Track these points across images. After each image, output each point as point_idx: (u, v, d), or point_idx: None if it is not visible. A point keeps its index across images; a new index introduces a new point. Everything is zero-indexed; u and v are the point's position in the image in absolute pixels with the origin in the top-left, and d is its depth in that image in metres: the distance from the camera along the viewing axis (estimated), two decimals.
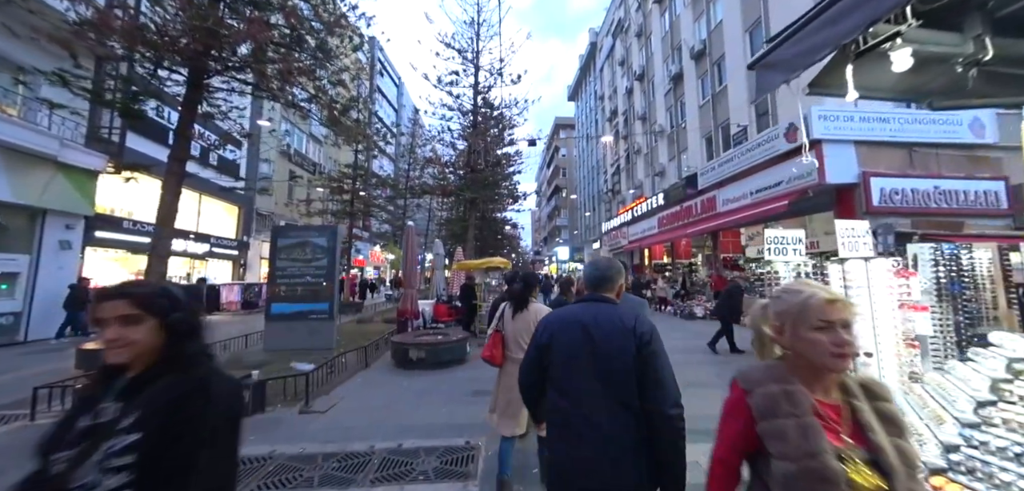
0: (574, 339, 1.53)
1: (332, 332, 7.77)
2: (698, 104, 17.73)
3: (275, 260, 7.86)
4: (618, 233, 26.73)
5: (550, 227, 62.17)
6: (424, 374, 6.39)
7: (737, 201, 14.32)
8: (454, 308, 11.54)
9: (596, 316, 1.55)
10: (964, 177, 11.05)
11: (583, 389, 1.47)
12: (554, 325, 1.63)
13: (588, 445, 1.41)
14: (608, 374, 1.45)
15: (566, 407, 1.49)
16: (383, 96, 38.08)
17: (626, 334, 1.47)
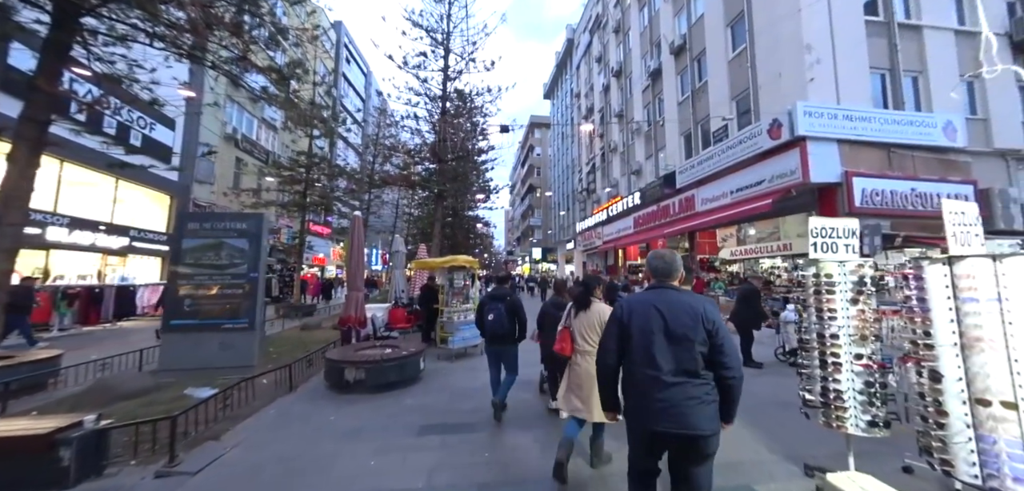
0: (649, 318, 1.96)
1: (252, 346, 6.24)
2: (677, 100, 17.23)
3: (178, 261, 6.21)
4: (592, 233, 26.10)
5: (523, 227, 61.33)
6: (362, 401, 5.06)
7: (716, 200, 13.81)
8: (413, 313, 10.18)
9: (668, 301, 1.98)
10: (937, 180, 10.92)
11: (658, 357, 1.89)
12: (632, 308, 2.05)
13: (659, 399, 1.85)
14: (677, 346, 1.88)
15: (642, 372, 1.92)
16: (349, 84, 35.70)
17: (695, 316, 1.91)
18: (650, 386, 1.88)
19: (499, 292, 4.71)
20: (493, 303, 4.55)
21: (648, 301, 2.01)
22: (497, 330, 4.46)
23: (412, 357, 5.87)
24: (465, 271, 9.03)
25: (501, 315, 4.45)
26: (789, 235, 16.01)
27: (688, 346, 1.86)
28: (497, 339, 4.51)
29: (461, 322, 7.78)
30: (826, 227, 2.79)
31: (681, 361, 1.87)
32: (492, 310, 4.50)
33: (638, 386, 1.93)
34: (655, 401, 1.85)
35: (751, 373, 6.32)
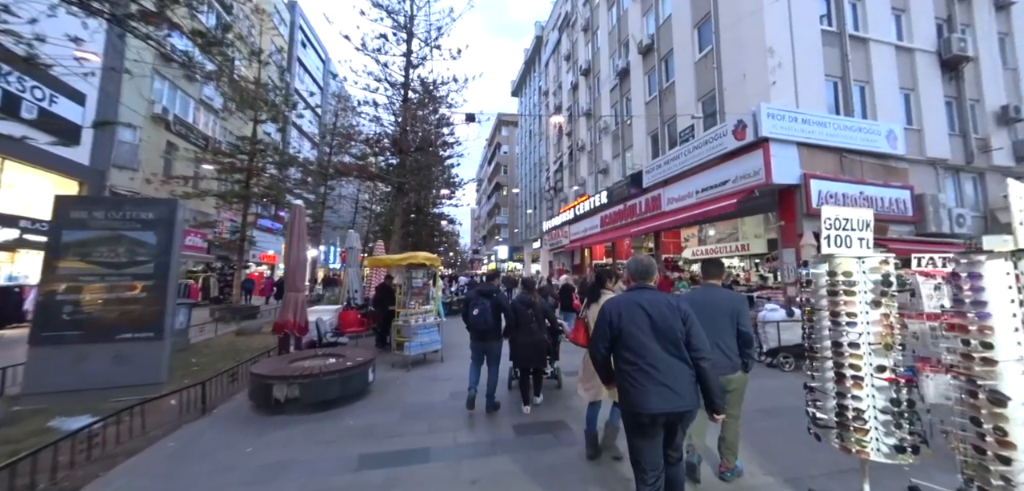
0: (637, 316, 2.27)
1: (159, 359, 5.11)
2: (645, 100, 17.30)
3: (58, 257, 4.96)
4: (559, 232, 25.94)
5: (490, 225, 60.60)
6: (293, 424, 4.19)
7: (682, 200, 13.90)
8: (367, 315, 9.23)
9: (650, 299, 2.31)
10: (882, 184, 11.53)
11: (645, 348, 2.21)
12: (621, 307, 2.34)
13: (652, 383, 2.15)
14: (662, 336, 2.21)
15: (635, 361, 2.22)
16: (305, 70, 33.20)
17: (673, 311, 2.26)
18: (643, 376, 2.16)
19: (486, 289, 4.79)
20: (480, 299, 4.61)
21: (633, 301, 2.32)
22: (481, 325, 4.53)
23: (359, 368, 5.05)
24: (425, 269, 8.26)
25: (486, 311, 4.53)
26: (747, 236, 16.57)
27: (671, 336, 2.19)
28: (482, 334, 4.58)
29: (419, 325, 7.01)
30: (840, 218, 2.40)
31: (667, 350, 2.18)
32: (478, 306, 4.55)
33: (632, 377, 2.20)
34: (649, 388, 2.14)
35: None
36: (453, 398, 5.21)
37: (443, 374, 6.46)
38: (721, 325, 2.82)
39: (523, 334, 4.56)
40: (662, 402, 2.11)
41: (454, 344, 8.92)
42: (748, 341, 2.82)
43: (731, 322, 2.81)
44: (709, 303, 2.89)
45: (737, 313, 2.83)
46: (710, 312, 2.79)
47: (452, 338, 9.97)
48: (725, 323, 2.83)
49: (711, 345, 2.53)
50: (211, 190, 14.49)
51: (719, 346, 2.78)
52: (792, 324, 6.37)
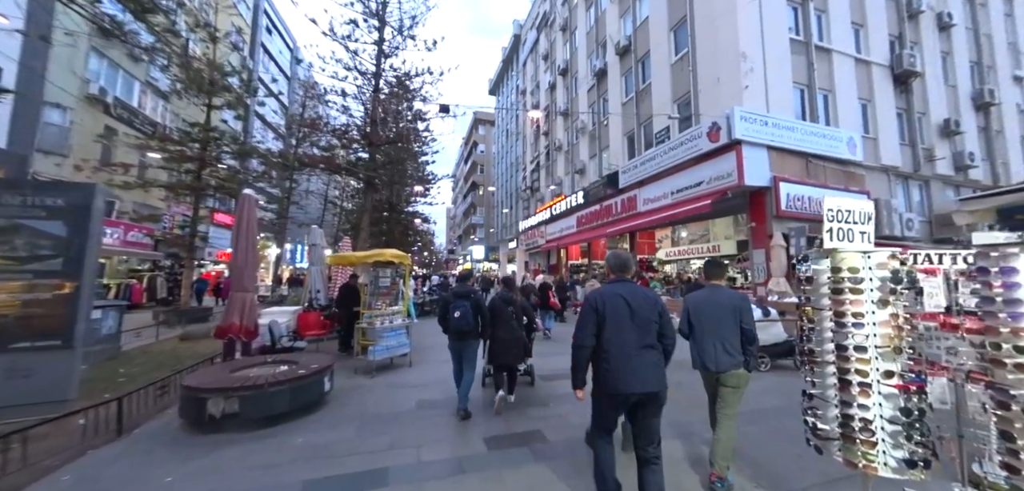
0: (619, 306, 2.45)
1: (69, 371, 4.35)
2: (621, 101, 17.37)
3: None
4: (535, 232, 25.77)
5: (465, 225, 59.83)
6: (230, 445, 3.62)
7: (658, 201, 13.99)
8: (330, 317, 8.57)
9: (630, 291, 2.51)
10: (842, 189, 11.98)
11: (626, 336, 2.41)
12: (604, 298, 2.49)
13: (629, 369, 2.36)
14: (640, 326, 2.42)
15: (615, 349, 2.40)
16: (270, 57, 31.35)
17: (651, 302, 2.51)
18: (623, 359, 2.36)
19: (464, 290, 4.74)
20: (459, 301, 4.58)
21: (616, 292, 2.49)
22: (463, 327, 4.49)
23: (312, 376, 4.50)
24: (393, 268, 7.72)
25: (467, 312, 4.51)
26: (718, 237, 16.94)
27: (649, 325, 2.40)
28: (461, 335, 4.54)
29: (385, 328, 6.49)
30: (842, 210, 2.20)
31: (644, 338, 2.38)
32: (458, 307, 4.53)
33: (612, 360, 2.38)
34: (627, 370, 2.34)
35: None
36: (420, 408, 4.77)
37: (411, 380, 5.99)
38: (725, 324, 2.94)
39: (503, 331, 4.64)
40: (636, 385, 2.35)
41: (425, 347, 8.44)
42: (751, 339, 2.92)
43: (735, 320, 2.92)
44: (713, 303, 3.02)
45: (740, 311, 2.95)
46: (714, 311, 2.97)
47: (423, 340, 9.46)
48: (729, 321, 2.94)
49: (714, 343, 2.92)
50: (157, 181, 13.18)
51: (723, 344, 2.91)
52: (768, 324, 6.35)
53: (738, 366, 2.89)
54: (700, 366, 3.03)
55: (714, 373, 2.95)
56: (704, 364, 2.98)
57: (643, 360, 2.36)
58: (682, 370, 3.64)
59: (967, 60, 15.93)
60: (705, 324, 2.98)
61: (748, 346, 2.91)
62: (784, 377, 5.79)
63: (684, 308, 3.19)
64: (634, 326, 2.40)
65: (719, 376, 2.93)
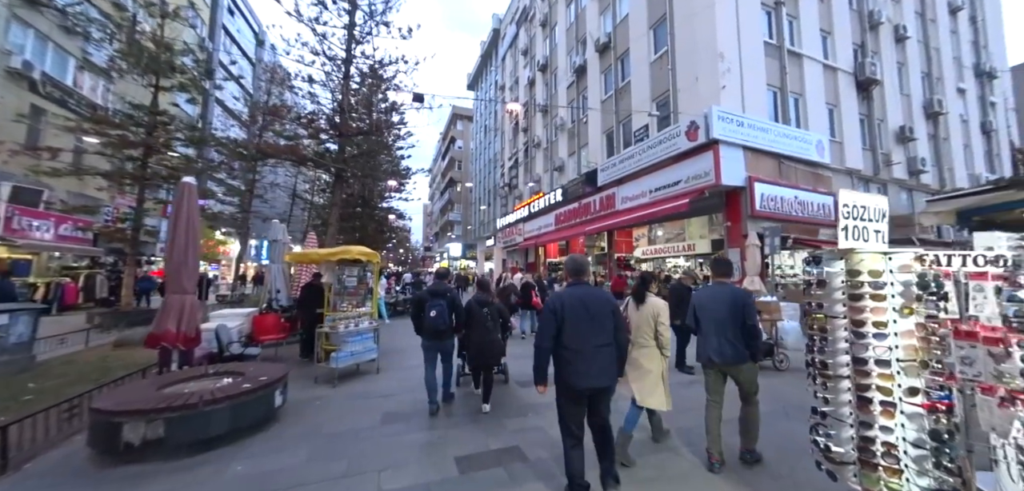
0: (577, 307, 2.64)
1: None
2: (601, 99, 17.29)
3: None
4: (513, 230, 25.47)
5: (442, 222, 58.78)
6: (148, 479, 3.02)
7: (636, 199, 13.97)
8: (291, 319, 7.88)
9: (587, 293, 2.72)
10: (811, 190, 12.35)
11: (583, 337, 2.60)
12: (564, 301, 2.68)
13: (587, 366, 2.58)
14: (597, 326, 2.63)
15: (574, 348, 2.60)
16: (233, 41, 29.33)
17: (607, 303, 2.72)
18: (581, 357, 2.60)
19: (440, 288, 4.73)
20: (435, 299, 4.58)
21: (574, 295, 2.71)
22: (440, 325, 4.50)
23: (260, 390, 3.95)
24: (360, 266, 7.14)
25: (444, 311, 4.53)
26: (693, 236, 17.19)
27: (603, 325, 2.65)
28: (438, 334, 4.55)
29: (350, 332, 5.95)
30: (858, 206, 1.97)
31: (599, 336, 2.63)
32: (435, 306, 4.53)
33: (571, 358, 2.60)
34: (585, 367, 2.59)
35: (684, 381, 5.79)
36: (386, 422, 4.32)
37: (377, 389, 5.50)
38: (730, 320, 3.08)
39: (478, 333, 4.62)
40: (592, 381, 2.58)
41: (396, 350, 7.92)
42: (754, 333, 3.05)
43: (738, 315, 3.05)
44: (718, 299, 3.16)
45: (743, 307, 3.07)
46: (719, 308, 3.12)
47: (393, 342, 8.92)
48: (733, 316, 3.08)
49: (719, 338, 3.10)
50: (94, 169, 11.85)
51: (728, 339, 3.07)
52: None
53: (743, 360, 3.09)
54: (705, 359, 3.23)
55: (719, 366, 3.14)
56: (709, 357, 3.17)
57: (599, 357, 2.60)
58: None
59: (919, 71, 16.87)
60: (710, 319, 3.17)
61: (752, 341, 3.06)
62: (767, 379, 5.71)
63: (691, 305, 3.42)
64: (591, 326, 2.61)
65: (726, 369, 3.14)
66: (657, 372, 3.27)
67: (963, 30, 19.14)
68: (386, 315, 12.20)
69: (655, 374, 3.26)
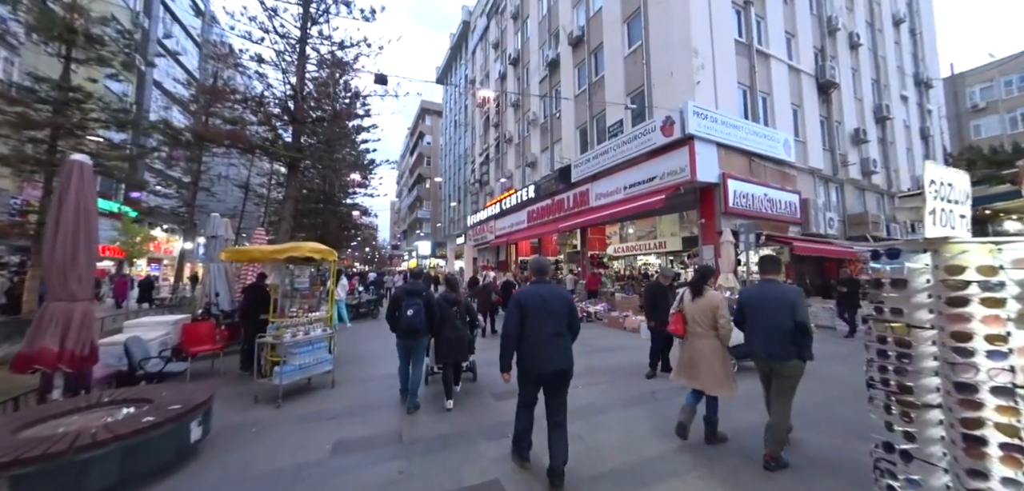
0: (537, 302, 3.00)
1: None
2: (574, 93, 16.95)
3: None
4: (484, 227, 24.77)
5: (411, 219, 56.92)
6: None
7: (610, 195, 13.73)
8: (231, 327, 6.80)
9: (547, 290, 3.08)
10: (779, 188, 12.60)
11: (542, 325, 2.96)
12: (527, 296, 3.05)
13: (546, 351, 2.94)
14: (554, 318, 2.98)
15: (533, 336, 2.96)
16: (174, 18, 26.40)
17: (564, 300, 3.09)
18: (540, 344, 2.95)
19: (415, 287, 4.77)
20: (411, 298, 4.62)
21: (535, 291, 3.07)
22: (416, 325, 4.54)
23: (168, 423, 3.07)
24: (312, 265, 6.25)
25: (420, 310, 4.56)
26: (664, 234, 17.25)
27: (560, 317, 3.01)
28: (413, 333, 4.59)
29: (298, 342, 5.07)
30: (945, 182, 1.53)
31: (557, 327, 2.98)
32: (411, 305, 4.57)
33: (532, 345, 2.96)
34: (544, 353, 2.94)
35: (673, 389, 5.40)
36: (337, 453, 3.56)
37: (330, 408, 4.69)
38: (780, 317, 3.10)
39: (449, 330, 4.73)
40: (549, 364, 2.92)
41: (355, 358, 7.06)
42: (805, 331, 3.03)
43: (789, 314, 3.06)
44: (768, 297, 3.19)
45: (793, 306, 3.07)
46: (769, 305, 3.16)
47: (354, 348, 8.02)
48: (784, 315, 3.09)
49: (767, 335, 3.13)
50: None
51: (777, 336, 3.09)
52: None
53: (791, 357, 3.06)
54: (753, 354, 3.32)
55: (767, 362, 3.18)
56: (756, 353, 3.25)
57: (556, 344, 2.94)
58: None
59: (870, 77, 17.87)
60: (759, 316, 3.23)
61: (801, 338, 3.02)
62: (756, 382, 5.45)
63: (738, 301, 3.47)
64: (549, 318, 2.94)
65: (773, 365, 3.14)
66: (720, 361, 3.44)
67: (905, 42, 20.57)
68: (347, 318, 11.18)
69: (718, 363, 3.43)
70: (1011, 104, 31.15)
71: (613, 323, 10.96)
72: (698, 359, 3.48)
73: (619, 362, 6.75)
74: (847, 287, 9.25)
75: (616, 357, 7.17)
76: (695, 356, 3.51)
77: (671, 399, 4.81)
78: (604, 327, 10.98)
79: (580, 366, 6.39)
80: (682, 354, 3.72)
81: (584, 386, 5.39)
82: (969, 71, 33.57)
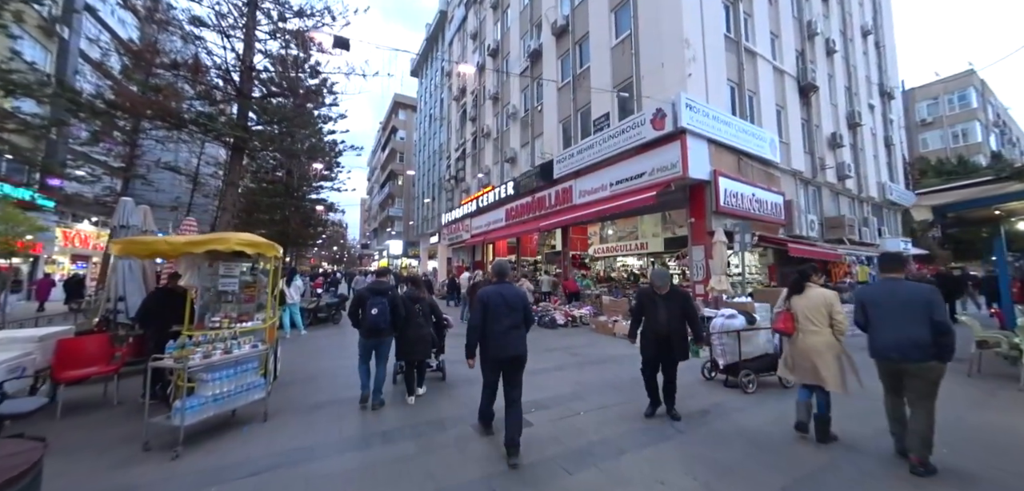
0: (498, 299, 3.49)
1: None
2: (557, 86, 16.15)
3: None
4: (460, 225, 23.55)
5: (382, 217, 54.48)
6: None
7: (595, 193, 12.97)
8: (139, 340, 5.31)
9: (506, 289, 3.59)
10: (764, 188, 12.28)
11: (502, 319, 3.45)
12: (489, 294, 3.53)
13: (504, 341, 3.43)
14: (513, 313, 3.49)
15: (494, 328, 3.44)
16: None
17: (521, 297, 3.61)
18: (499, 335, 3.44)
19: (380, 286, 4.78)
20: (375, 297, 4.62)
21: (497, 291, 3.56)
22: (380, 324, 4.55)
23: None
24: (243, 262, 4.93)
25: (385, 309, 4.58)
26: (646, 234, 16.75)
27: (517, 312, 3.52)
28: (377, 332, 4.59)
29: (213, 363, 3.78)
30: None
31: (513, 320, 3.49)
32: (375, 304, 4.58)
33: (494, 335, 3.45)
34: (502, 342, 3.44)
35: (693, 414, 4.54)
36: None
37: (251, 458, 3.44)
38: (912, 317, 2.98)
39: (412, 329, 4.81)
40: (507, 352, 3.45)
41: (306, 378, 5.76)
42: (944, 330, 2.91)
43: (924, 314, 2.96)
44: (896, 296, 3.12)
45: (930, 304, 2.97)
46: (898, 305, 3.08)
47: (306, 364, 6.63)
48: (917, 315, 2.96)
49: (897, 335, 3.05)
50: None
51: (909, 336, 2.98)
52: (751, 332, 5.27)
53: (927, 359, 2.93)
54: (877, 355, 3.18)
55: (898, 363, 3.05)
56: (884, 354, 3.11)
57: (512, 335, 3.47)
58: None
59: (843, 84, 18.24)
60: (885, 316, 3.12)
61: (940, 338, 2.90)
62: (781, 399, 4.70)
63: (857, 301, 3.36)
64: (508, 313, 3.48)
65: (907, 367, 3.01)
66: (834, 355, 3.45)
67: (871, 53, 21.31)
68: (302, 325, 9.71)
69: (833, 358, 3.44)
70: (954, 120, 33.55)
71: (601, 328, 10.15)
72: (812, 355, 3.49)
73: (617, 377, 5.86)
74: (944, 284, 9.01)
75: (612, 370, 6.28)
76: (809, 352, 3.52)
77: (695, 428, 3.94)
78: (591, 333, 10.14)
79: (574, 382, 5.55)
80: (792, 352, 3.71)
81: (587, 413, 4.43)
82: (918, 87, 35.88)
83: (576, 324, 11.01)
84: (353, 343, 5.01)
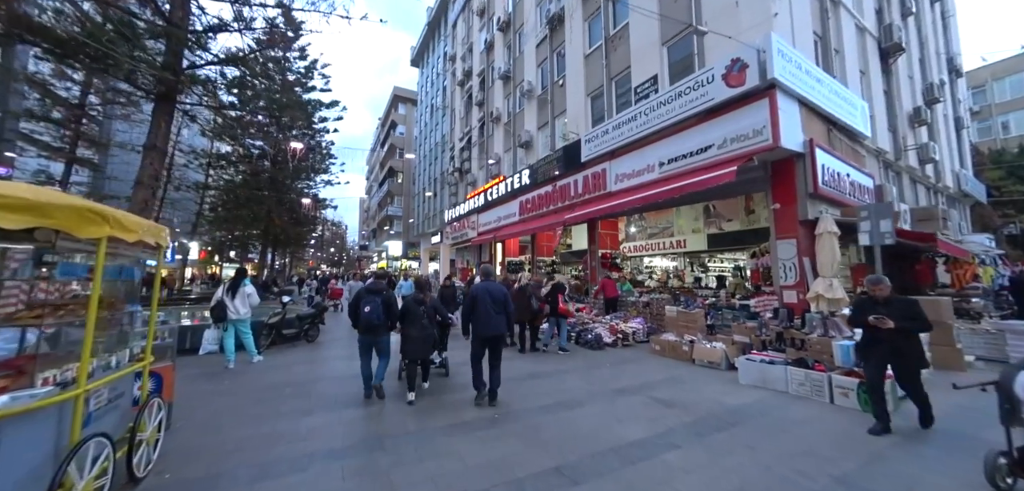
0: (485, 293, 4.93)
1: None
2: (584, 53, 13.54)
3: None
4: (465, 222, 20.94)
5: (381, 217, 51.90)
6: None
7: (637, 176, 10.33)
8: None
9: (491, 286, 5.05)
10: (855, 168, 9.58)
11: (487, 309, 4.89)
12: (477, 290, 4.98)
13: (488, 322, 4.89)
14: (495, 304, 4.93)
15: (481, 315, 4.89)
16: None
17: (501, 291, 5.07)
18: (485, 319, 4.82)
19: (375, 287, 5.15)
20: (370, 296, 5.04)
21: (483, 287, 4.95)
22: (373, 321, 4.97)
23: None
24: (36, 245, 2.32)
25: (377, 307, 5.01)
26: (684, 230, 14.01)
27: (500, 304, 4.89)
28: (372, 329, 5.03)
29: None
30: None
31: (496, 309, 4.86)
32: (369, 302, 5.00)
33: (481, 319, 4.83)
34: (486, 323, 4.82)
35: None
36: None
37: None
38: None
39: (414, 328, 5.01)
40: (489, 330, 4.83)
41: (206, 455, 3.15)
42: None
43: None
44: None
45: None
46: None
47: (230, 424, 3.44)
48: None
49: None
50: None
51: None
52: None
53: None
54: None
55: None
56: None
57: (494, 318, 4.84)
58: None
59: (917, 56, 15.54)
60: None
61: None
62: None
63: None
64: (492, 303, 4.86)
65: None
66: None
67: (938, 23, 18.59)
68: (254, 350, 7.05)
69: None
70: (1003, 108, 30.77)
71: (670, 351, 7.47)
72: None
73: (791, 457, 3.16)
74: None
75: (760, 439, 3.58)
76: None
77: None
78: (655, 357, 7.47)
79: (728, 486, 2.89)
80: None
81: None
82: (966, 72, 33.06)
83: (627, 342, 8.34)
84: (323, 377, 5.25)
